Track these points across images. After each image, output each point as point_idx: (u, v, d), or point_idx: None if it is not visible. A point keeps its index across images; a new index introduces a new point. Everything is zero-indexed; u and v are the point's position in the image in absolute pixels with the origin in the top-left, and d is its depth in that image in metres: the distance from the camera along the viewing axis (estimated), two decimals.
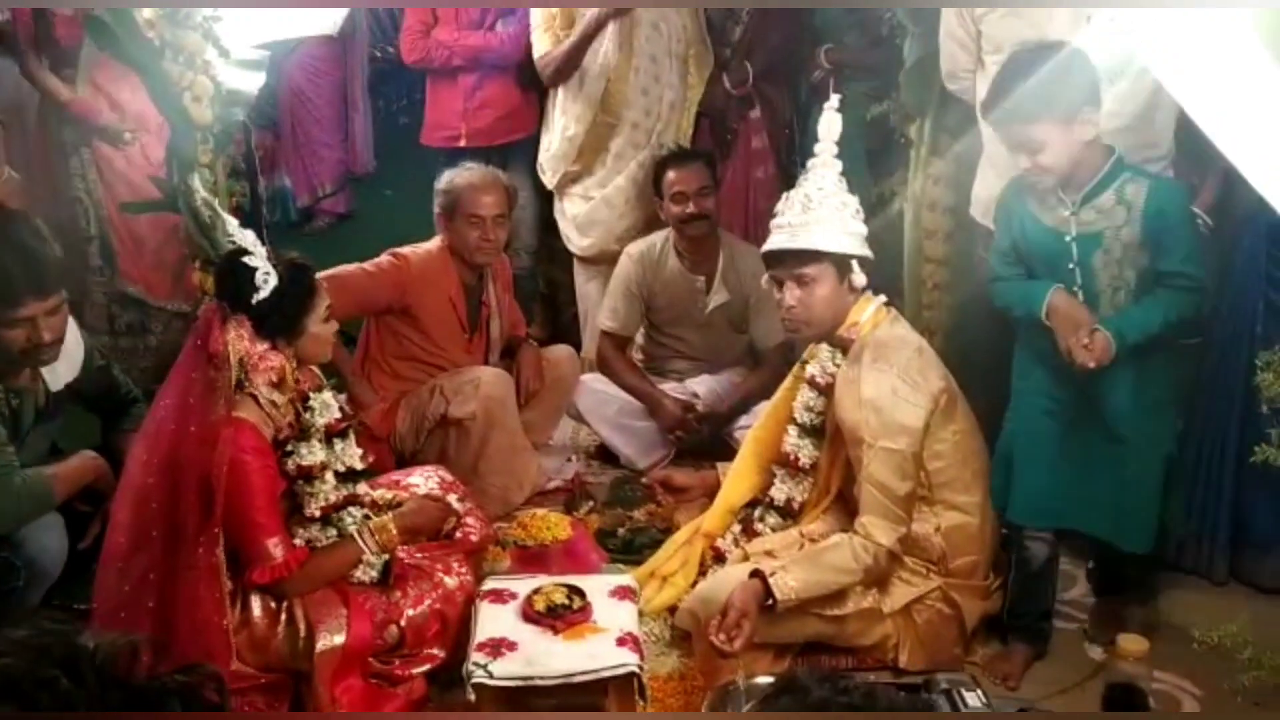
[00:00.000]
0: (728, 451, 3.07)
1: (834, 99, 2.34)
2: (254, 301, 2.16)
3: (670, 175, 3.34)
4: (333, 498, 2.29)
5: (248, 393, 2.18)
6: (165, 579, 2.11)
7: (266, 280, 2.16)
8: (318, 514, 2.27)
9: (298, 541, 2.25)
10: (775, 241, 2.34)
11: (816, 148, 2.33)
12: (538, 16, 3.64)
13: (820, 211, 2.30)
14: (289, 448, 2.24)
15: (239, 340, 2.16)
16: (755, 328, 3.44)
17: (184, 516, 2.10)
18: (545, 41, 3.65)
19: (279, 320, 2.21)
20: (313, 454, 2.25)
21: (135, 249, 3.45)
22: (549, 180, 3.77)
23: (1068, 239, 2.19)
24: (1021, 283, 2.32)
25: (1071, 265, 2.21)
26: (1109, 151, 2.17)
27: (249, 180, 3.65)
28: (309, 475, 2.25)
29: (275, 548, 2.16)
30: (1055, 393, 2.30)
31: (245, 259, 2.17)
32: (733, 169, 3.74)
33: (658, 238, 3.48)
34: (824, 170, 2.33)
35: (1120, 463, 2.26)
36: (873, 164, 3.10)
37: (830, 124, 2.33)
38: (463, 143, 3.84)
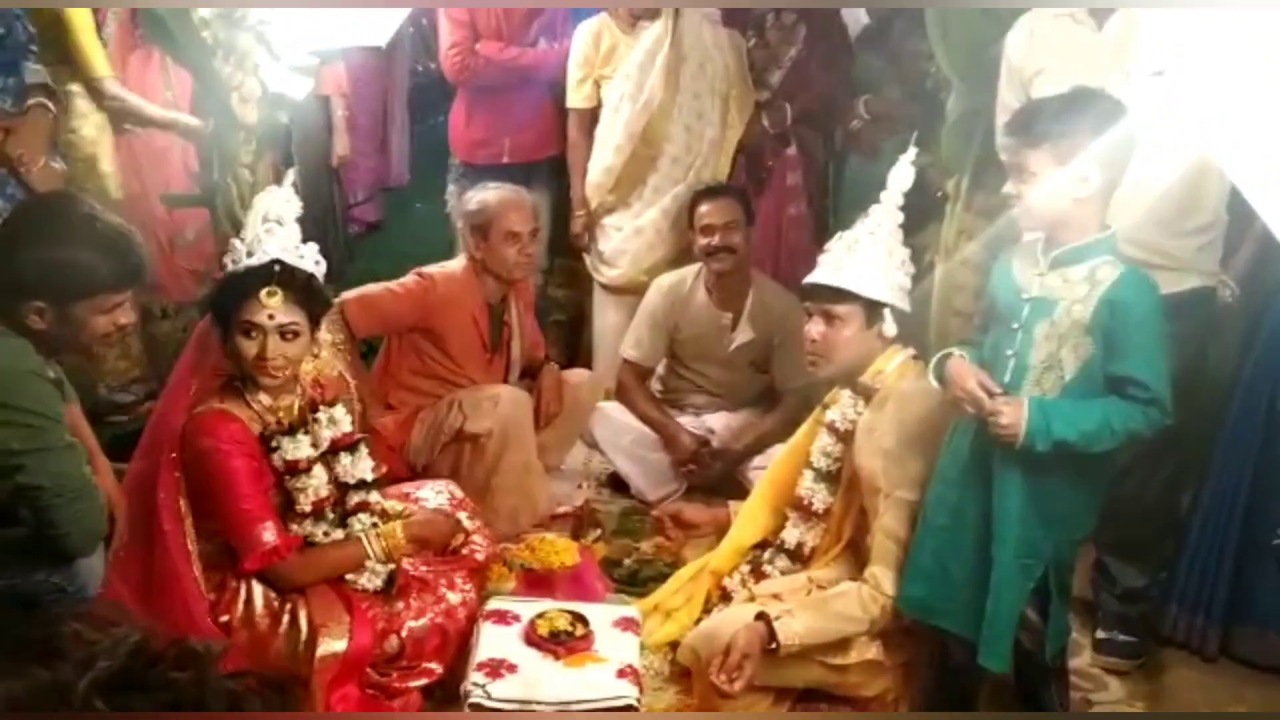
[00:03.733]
0: (740, 490, 3.07)
1: (911, 152, 2.35)
2: None
3: (702, 208, 3.38)
4: (324, 492, 2.29)
5: (236, 388, 2.22)
6: (149, 562, 2.15)
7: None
8: (309, 509, 2.27)
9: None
10: (815, 274, 2.37)
11: (882, 195, 2.36)
12: (578, 55, 3.69)
13: (865, 255, 2.32)
14: (274, 443, 2.24)
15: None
16: (777, 369, 3.45)
17: (161, 498, 2.14)
18: (583, 92, 3.71)
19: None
20: (298, 448, 2.26)
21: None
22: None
23: (1025, 297, 2.05)
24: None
25: (1016, 326, 2.06)
26: (1104, 228, 2.04)
27: (291, 187, 3.68)
28: (296, 470, 2.26)
29: (266, 533, 2.18)
30: (960, 482, 2.15)
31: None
32: (766, 203, 3.76)
33: (688, 272, 3.50)
34: (883, 217, 2.35)
35: (994, 571, 2.09)
36: (907, 216, 3.12)
37: (901, 175, 2.35)
38: (505, 159, 3.88)
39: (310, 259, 2.23)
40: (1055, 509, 2.07)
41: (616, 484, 3.47)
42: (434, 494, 2.69)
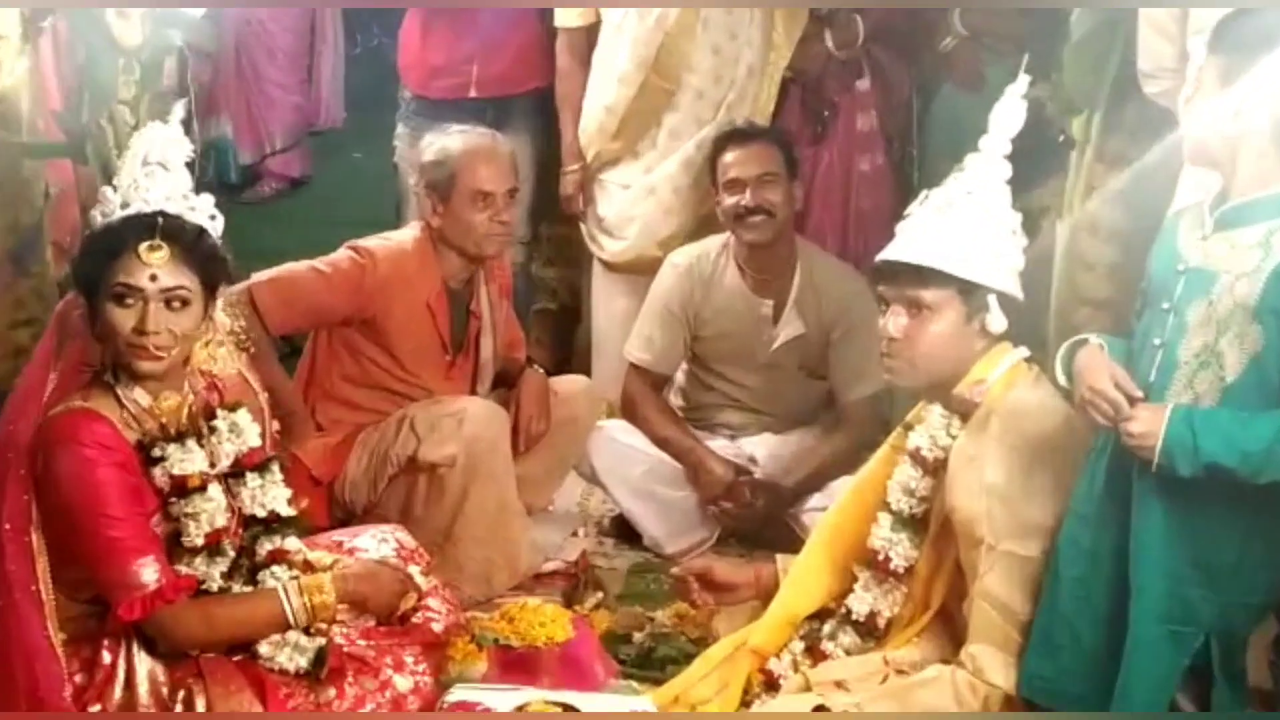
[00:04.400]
0: (791, 540, 3.07)
1: (1022, 80, 2.35)
2: None
3: (727, 156, 3.38)
4: (220, 521, 2.30)
5: (105, 382, 2.24)
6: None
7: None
8: (201, 542, 2.27)
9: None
10: (893, 249, 2.36)
11: (983, 141, 2.35)
12: None
13: (961, 222, 2.31)
14: (155, 452, 2.26)
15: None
16: (837, 373, 3.45)
17: (5, 530, 2.17)
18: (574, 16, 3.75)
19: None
20: (189, 460, 2.26)
21: None
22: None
23: (1180, 269, 2.09)
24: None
25: (1167, 306, 2.10)
26: None
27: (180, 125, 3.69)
28: (185, 489, 2.26)
29: (145, 569, 2.18)
30: (1096, 521, 2.17)
31: None
32: (829, 156, 3.78)
33: (712, 245, 3.51)
34: (985, 170, 2.34)
35: (1129, 637, 2.10)
36: (1017, 167, 3.12)
37: (1009, 112, 2.34)
38: (472, 92, 3.92)
39: (204, 212, 2.27)
40: (1217, 558, 2.06)
41: (624, 531, 3.48)
42: (376, 543, 2.70)
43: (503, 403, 3.29)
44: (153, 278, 2.18)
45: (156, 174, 2.24)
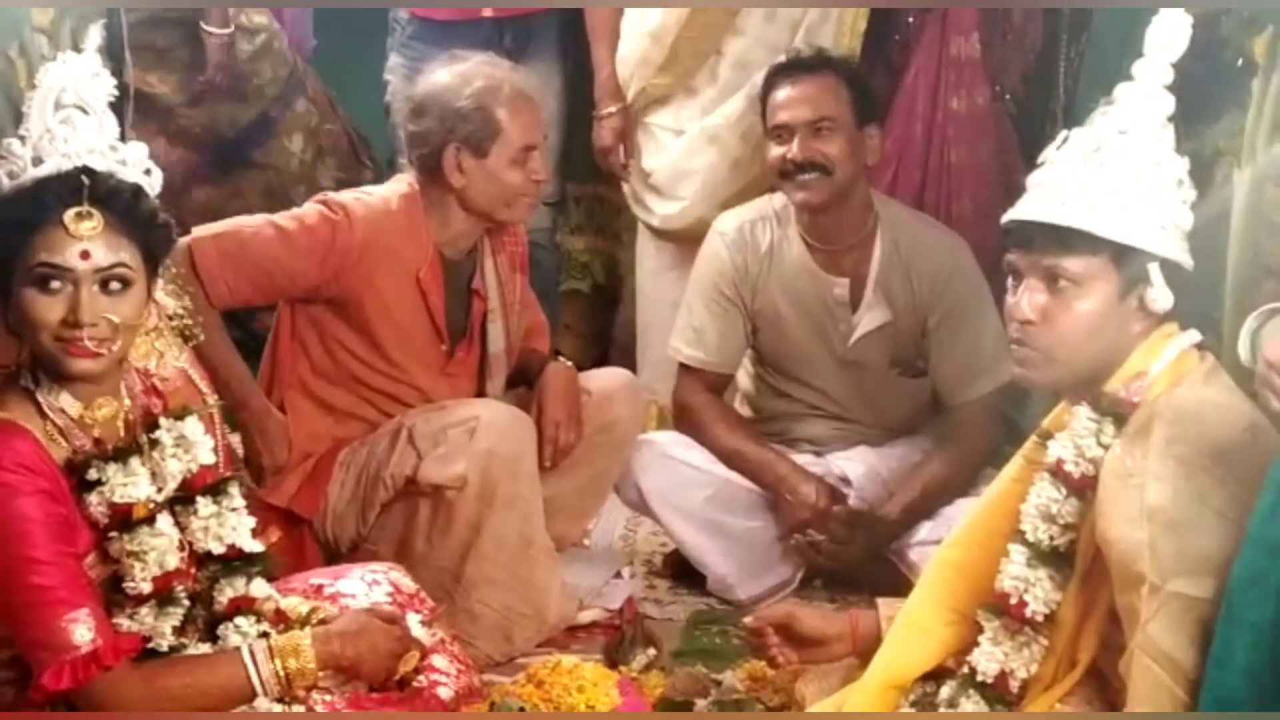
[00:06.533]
0: (896, 581, 3.10)
1: None
2: None
3: (777, 95, 3.40)
4: (172, 563, 2.31)
5: (22, 387, 2.27)
6: None
7: None
8: (148, 589, 2.29)
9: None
10: (1027, 206, 2.36)
11: (1137, 66, 2.34)
12: None
13: (1116, 171, 2.31)
14: (90, 474, 2.27)
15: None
16: (941, 370, 3.49)
17: None
18: None
19: None
20: (133, 484, 2.28)
21: None
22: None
23: None
24: None
25: None
26: None
27: (112, 59, 3.74)
28: (129, 521, 2.28)
29: (76, 626, 2.18)
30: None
31: None
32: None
33: (769, 206, 3.53)
34: (1139, 106, 2.34)
35: None
36: (1184, 100, 3.12)
37: (1170, 31, 2.33)
38: (487, 10, 3.95)
39: (137, 165, 2.29)
40: None
41: (681, 570, 3.52)
42: (366, 586, 2.71)
43: (521, 405, 3.32)
44: (84, 255, 2.19)
45: (74, 119, 2.25)
